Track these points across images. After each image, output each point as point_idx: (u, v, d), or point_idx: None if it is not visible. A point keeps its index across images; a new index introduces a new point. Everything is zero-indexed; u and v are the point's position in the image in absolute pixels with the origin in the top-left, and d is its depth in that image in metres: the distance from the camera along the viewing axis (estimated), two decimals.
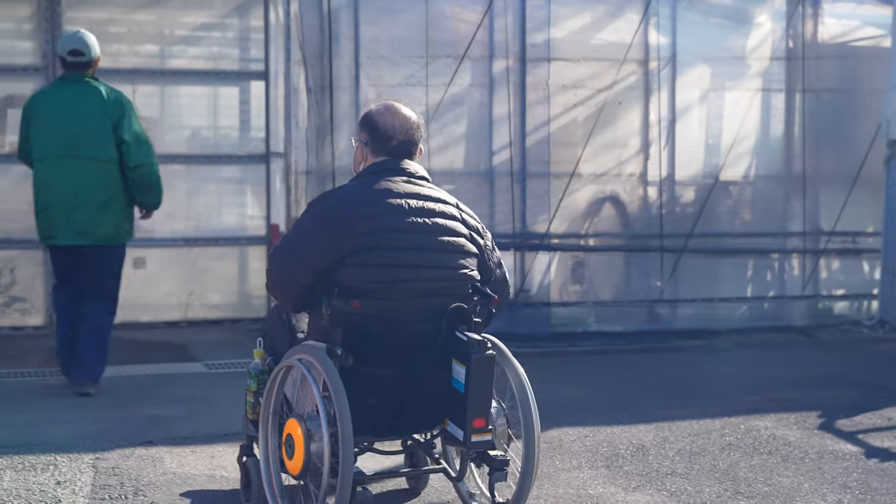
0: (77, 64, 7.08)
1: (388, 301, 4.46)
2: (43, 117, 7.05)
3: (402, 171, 4.64)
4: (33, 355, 8.44)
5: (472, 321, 4.54)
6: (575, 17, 9.63)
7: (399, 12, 9.14)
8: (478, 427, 4.42)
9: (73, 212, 7.01)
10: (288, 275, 4.56)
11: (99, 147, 6.98)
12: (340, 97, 8.89)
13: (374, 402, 4.53)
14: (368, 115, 4.79)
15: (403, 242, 4.48)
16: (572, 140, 9.51)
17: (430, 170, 8.83)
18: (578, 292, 9.72)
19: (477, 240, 4.67)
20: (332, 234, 4.44)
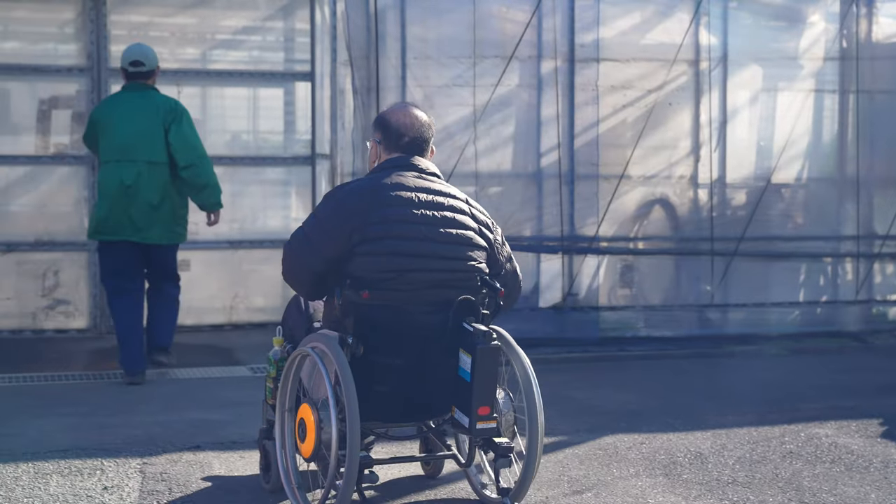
0: (137, 74, 7.61)
1: (396, 291, 4.65)
2: (105, 124, 7.54)
3: (413, 167, 4.85)
4: (77, 358, 8.39)
5: (480, 312, 4.70)
6: (624, 16, 9.47)
7: (446, 12, 9.01)
8: (482, 415, 4.63)
9: (128, 212, 7.46)
10: (301, 263, 4.77)
11: (152, 151, 7.46)
12: (387, 98, 8.76)
13: (384, 390, 4.72)
14: (381, 115, 5.05)
15: (412, 233, 4.66)
16: (621, 141, 9.33)
17: (477, 172, 8.98)
18: (627, 296, 9.55)
19: (486, 234, 4.84)
20: (343, 225, 4.64)
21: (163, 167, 7.50)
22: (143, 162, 7.46)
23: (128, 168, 7.45)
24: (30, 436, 6.09)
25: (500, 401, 4.82)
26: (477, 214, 4.87)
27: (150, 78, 7.65)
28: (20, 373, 7.79)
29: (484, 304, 4.75)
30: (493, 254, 4.87)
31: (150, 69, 7.63)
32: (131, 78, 7.63)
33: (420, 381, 4.76)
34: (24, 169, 9.16)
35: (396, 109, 5.03)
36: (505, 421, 4.83)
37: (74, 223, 9.17)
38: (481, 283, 4.77)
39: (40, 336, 9.08)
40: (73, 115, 9.16)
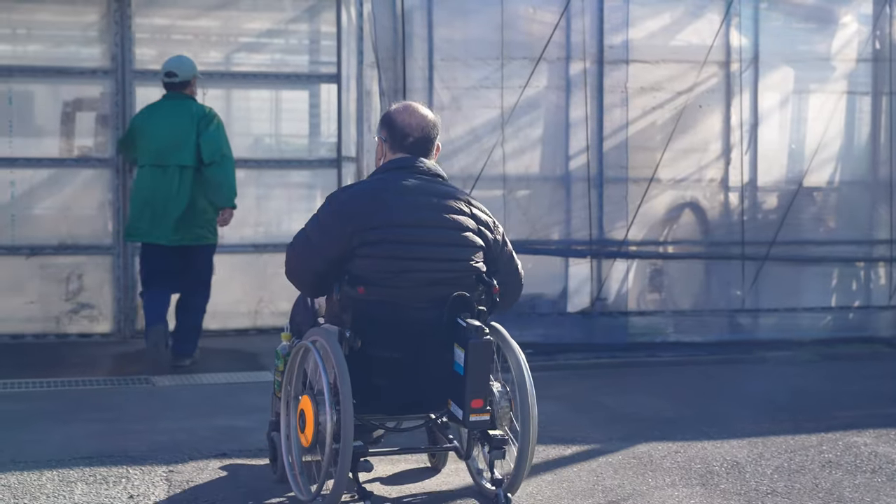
0: (171, 84, 8.06)
1: (393, 289, 4.81)
2: (142, 130, 8.05)
3: (417, 169, 4.97)
4: (101, 363, 8.32)
5: (475, 309, 4.85)
6: (654, 17, 9.34)
7: (473, 13, 8.91)
8: (476, 408, 4.77)
9: (160, 214, 7.89)
10: (303, 263, 4.94)
11: (184, 156, 7.89)
12: (414, 99, 8.50)
13: (382, 383, 4.88)
14: (387, 114, 5.15)
15: (410, 237, 4.81)
16: (651, 144, 9.19)
17: (505, 175, 8.87)
18: (657, 301, 9.42)
19: (486, 234, 4.97)
20: (344, 228, 4.80)
21: (194, 172, 7.93)
22: (176, 166, 7.89)
23: (161, 172, 7.90)
24: (54, 442, 6.00)
25: (497, 393, 4.96)
26: (478, 214, 4.99)
27: (185, 88, 8.07)
28: (44, 377, 7.71)
29: (480, 301, 4.90)
30: (492, 253, 5.01)
31: (182, 80, 8.04)
32: (167, 88, 8.09)
33: (417, 375, 4.91)
34: (48, 171, 9.08)
35: (402, 109, 5.12)
36: (501, 413, 4.95)
37: (98, 226, 9.10)
38: (477, 280, 4.92)
39: (64, 340, 8.98)
40: (97, 117, 9.09)
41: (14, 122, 8.95)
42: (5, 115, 8.93)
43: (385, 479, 5.54)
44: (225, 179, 7.98)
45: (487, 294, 4.93)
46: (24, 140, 9.00)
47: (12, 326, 8.96)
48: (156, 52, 9.36)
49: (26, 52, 9.24)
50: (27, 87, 9.12)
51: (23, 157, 8.93)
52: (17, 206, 8.99)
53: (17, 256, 8.95)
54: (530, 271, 8.94)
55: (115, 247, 9.05)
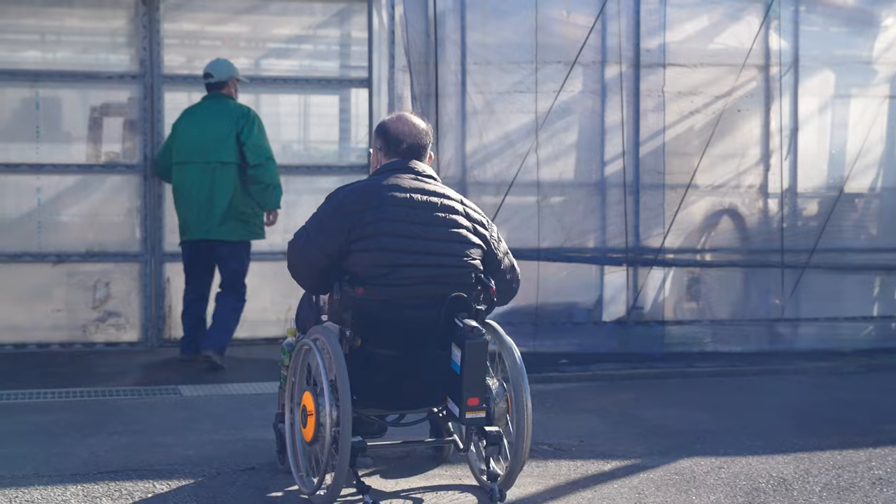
0: (209, 85, 8.28)
1: (391, 287, 4.97)
2: (183, 128, 8.22)
3: (410, 170, 5.20)
4: (128, 372, 8.18)
5: (472, 309, 5.02)
6: (691, 20, 9.19)
7: (507, 16, 8.76)
8: (471, 405, 4.94)
9: (204, 210, 8.10)
10: (303, 257, 5.13)
11: (223, 152, 8.08)
12: (446, 104, 8.53)
13: (381, 379, 5.08)
14: (381, 124, 5.40)
15: (405, 231, 4.99)
16: (688, 150, 9.04)
17: (539, 181, 8.71)
18: (694, 310, 9.24)
19: (480, 231, 5.15)
20: (342, 222, 5.00)
21: (233, 168, 8.10)
22: (216, 162, 8.08)
23: (199, 169, 8.10)
24: (79, 456, 5.85)
25: (494, 390, 5.11)
26: (471, 213, 5.18)
27: (223, 88, 8.26)
28: (70, 387, 7.58)
29: (478, 300, 5.09)
30: (488, 250, 5.18)
31: (218, 80, 8.24)
32: (207, 89, 8.31)
33: (415, 372, 5.11)
34: (75, 178, 8.96)
35: (396, 118, 5.37)
36: (498, 409, 5.10)
37: (126, 233, 8.98)
38: (475, 279, 5.10)
39: (91, 349, 8.86)
40: (125, 122, 8.97)
41: (41, 127, 8.86)
42: (32, 120, 8.84)
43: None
44: (272, 181, 8.17)
45: (485, 294, 5.12)
46: (51, 146, 8.89)
47: (39, 335, 8.86)
48: (184, 57, 9.25)
49: (54, 57, 9.17)
50: (54, 92, 9.01)
51: (49, 163, 8.83)
52: (43, 213, 8.89)
53: (44, 264, 8.84)
54: (564, 279, 8.98)
55: (143, 254, 8.92)
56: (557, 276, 8.90)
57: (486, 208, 8.43)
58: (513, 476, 5.12)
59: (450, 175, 8.45)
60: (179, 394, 7.49)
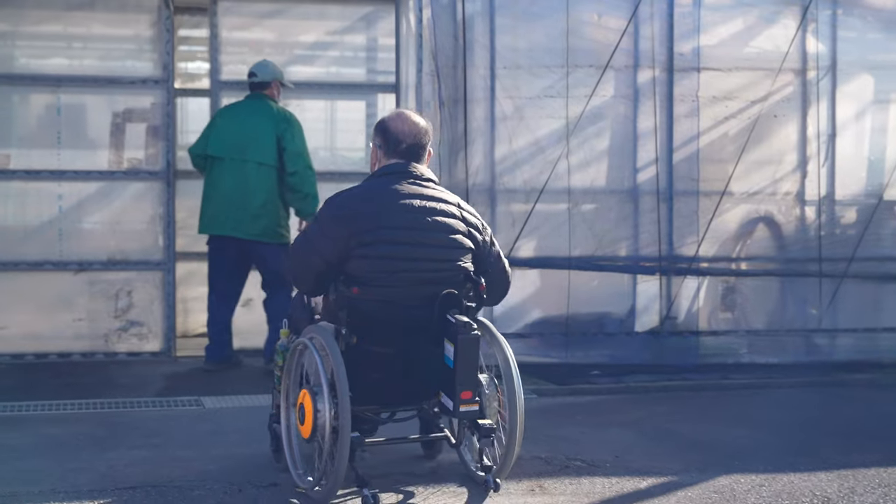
0: (252, 84, 8.32)
1: (387, 288, 5.14)
2: (222, 125, 8.24)
3: (410, 174, 5.29)
4: (150, 383, 8.01)
5: (463, 306, 5.20)
6: (726, 23, 9.00)
7: (537, 19, 8.60)
8: (465, 399, 5.11)
9: (235, 207, 8.07)
10: (303, 263, 5.25)
11: (262, 153, 8.09)
12: (475, 110, 8.37)
13: (377, 376, 5.25)
14: (381, 122, 5.47)
15: (404, 238, 5.13)
16: (723, 156, 8.87)
17: (570, 188, 8.50)
18: (729, 320, 9.05)
19: (475, 235, 5.32)
20: (341, 229, 5.12)
21: (271, 170, 8.11)
22: (254, 162, 8.08)
23: (239, 167, 8.09)
24: (97, 470, 5.67)
25: (486, 385, 5.28)
26: (467, 217, 5.33)
27: (265, 89, 8.29)
28: (90, 398, 7.41)
29: (469, 298, 5.26)
30: (480, 254, 5.35)
31: (262, 80, 8.27)
32: (250, 88, 8.33)
33: (410, 369, 5.28)
34: (97, 184, 8.79)
35: (395, 116, 5.44)
36: (490, 404, 5.26)
37: (148, 241, 8.82)
38: (465, 278, 5.26)
39: (112, 359, 8.69)
40: (147, 128, 8.81)
41: (62, 133, 8.70)
42: (53, 126, 8.69)
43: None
44: (311, 189, 8.17)
45: (475, 291, 5.28)
46: (73, 152, 8.73)
47: (60, 344, 8.69)
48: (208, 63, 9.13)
49: (75, 62, 9.02)
50: (76, 97, 8.86)
51: (71, 170, 8.67)
52: (65, 220, 8.73)
53: (65, 272, 8.68)
54: (596, 289, 8.81)
55: (165, 262, 8.77)
56: (589, 285, 8.75)
57: (516, 216, 8.37)
58: (506, 467, 5.30)
59: (478, 182, 8.30)
60: (202, 406, 7.32)
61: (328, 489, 5.04)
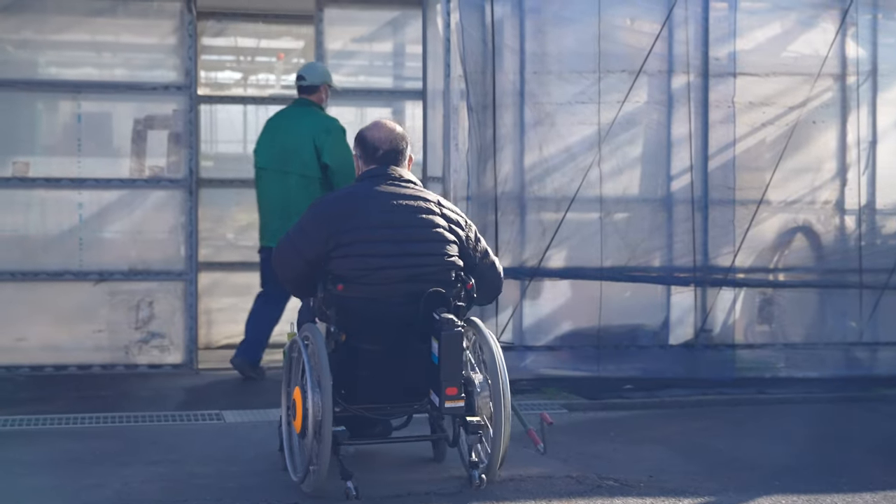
0: (301, 88, 8.18)
1: (370, 286, 5.37)
2: (267, 136, 8.20)
3: (388, 176, 5.55)
4: (170, 396, 7.85)
5: (451, 304, 5.38)
6: (763, 27, 8.74)
7: (568, 23, 8.39)
8: (450, 395, 5.24)
9: (279, 218, 7.93)
10: (286, 262, 5.54)
11: (304, 164, 7.99)
12: (504, 116, 8.16)
13: (366, 374, 5.43)
14: (359, 132, 5.74)
15: (383, 235, 5.37)
16: (760, 163, 8.62)
17: (602, 196, 8.28)
18: (766, 333, 8.79)
19: (457, 231, 5.51)
20: (321, 230, 5.39)
21: (314, 181, 7.99)
22: (297, 174, 8.00)
23: (277, 177, 8.05)
24: (111, 487, 5.50)
25: (477, 384, 5.39)
26: (448, 214, 5.54)
27: (312, 94, 8.16)
28: (108, 412, 7.25)
29: (459, 297, 5.45)
30: (464, 248, 5.52)
31: (310, 84, 8.13)
32: (299, 92, 8.22)
33: (399, 367, 5.46)
34: (118, 193, 8.62)
35: (372, 126, 5.73)
36: (481, 402, 5.36)
37: (170, 251, 8.64)
38: (455, 276, 5.45)
39: (133, 371, 8.52)
40: (169, 135, 8.64)
41: (83, 140, 8.54)
42: (73, 133, 8.53)
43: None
44: None
45: (464, 290, 5.47)
46: (93, 160, 8.58)
47: (80, 356, 8.53)
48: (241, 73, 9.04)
49: (96, 68, 8.89)
50: (96, 103, 8.73)
51: (91, 178, 8.51)
52: (85, 230, 8.57)
53: (85, 282, 8.51)
54: (628, 300, 8.60)
55: (187, 272, 8.60)
56: (621, 296, 8.51)
57: (546, 225, 8.17)
58: (494, 463, 5.41)
59: (507, 190, 8.09)
60: (223, 420, 7.14)
61: (314, 481, 5.25)
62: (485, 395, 5.36)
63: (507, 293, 8.02)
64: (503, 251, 8.08)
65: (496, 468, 5.43)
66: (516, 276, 8.12)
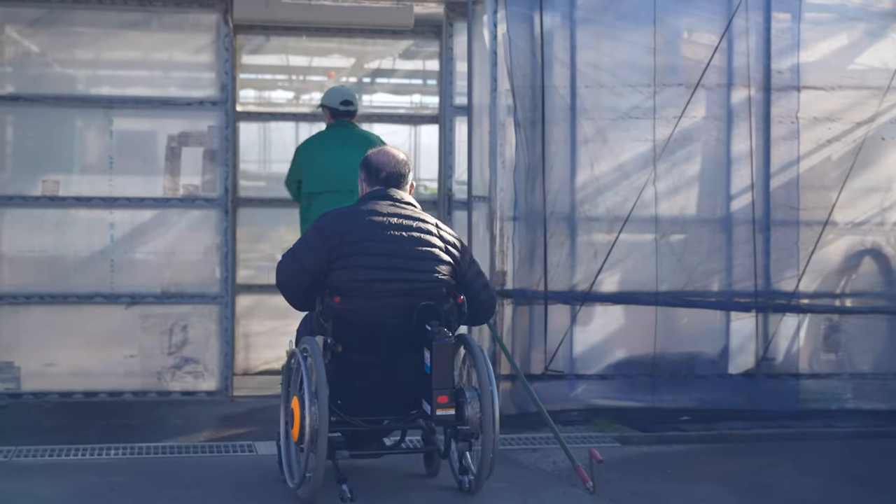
0: (346, 112, 8.12)
1: (366, 299, 5.67)
2: (318, 157, 8.00)
3: (389, 197, 5.90)
4: (202, 426, 7.56)
5: (443, 317, 5.70)
6: (828, 38, 8.32)
7: (622, 34, 7.98)
8: (441, 403, 5.55)
9: None
10: (288, 274, 5.84)
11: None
12: (553, 132, 7.77)
13: (362, 385, 5.72)
14: (364, 157, 6.07)
15: (380, 250, 5.69)
16: (825, 182, 8.22)
17: (657, 216, 7.83)
18: (832, 362, 8.35)
19: (452, 252, 5.84)
20: (323, 243, 5.72)
21: None
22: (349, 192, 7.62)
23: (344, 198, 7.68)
24: None
25: (468, 396, 5.66)
26: (445, 235, 5.87)
27: (354, 116, 8.18)
28: (136, 443, 6.94)
29: (453, 314, 5.76)
30: (459, 269, 5.84)
31: (356, 108, 8.19)
32: (340, 116, 8.10)
33: (393, 378, 5.75)
34: (151, 212, 8.31)
35: (377, 151, 6.07)
36: (473, 414, 5.62)
37: (205, 273, 8.33)
38: (447, 292, 5.79)
39: (165, 398, 8.20)
40: (204, 153, 8.32)
41: (114, 158, 8.26)
42: (105, 150, 8.26)
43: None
44: None
45: (457, 306, 5.79)
46: (125, 178, 8.29)
47: (111, 382, 8.22)
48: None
49: (128, 83, 8.61)
50: (129, 120, 8.44)
51: (123, 197, 8.21)
52: (116, 251, 8.27)
53: (117, 305, 8.21)
54: (685, 327, 8.18)
55: (223, 295, 8.28)
56: (677, 322, 8.13)
57: (598, 247, 7.81)
58: (483, 474, 5.66)
59: (557, 210, 7.71)
60: (254, 451, 6.81)
61: (311, 488, 5.46)
62: (475, 407, 5.63)
63: (557, 319, 7.77)
64: (552, 274, 7.71)
65: (484, 478, 5.67)
66: (566, 300, 7.78)
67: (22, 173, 8.27)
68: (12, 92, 8.18)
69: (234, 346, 8.58)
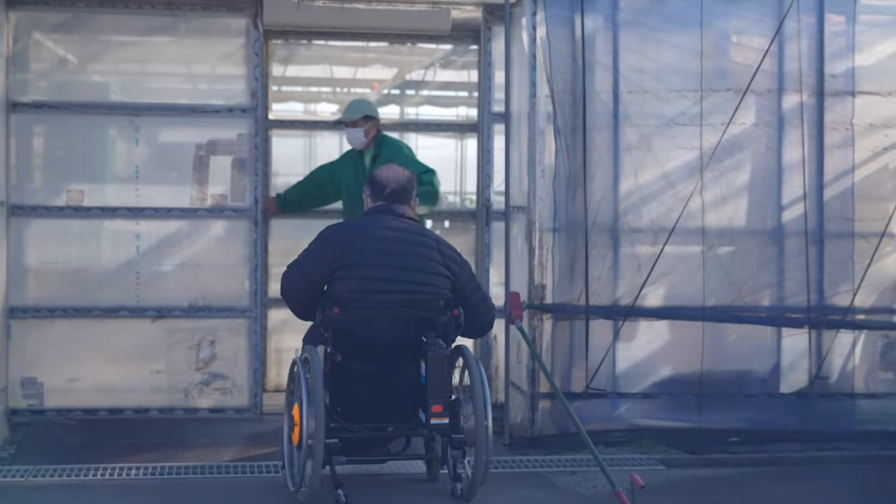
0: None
1: (365, 309, 5.92)
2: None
3: (391, 211, 6.17)
4: (229, 444, 7.29)
5: (440, 329, 5.95)
6: (885, 41, 8.08)
7: (667, 37, 7.75)
8: (435, 412, 5.81)
9: None
10: (292, 283, 6.12)
11: None
12: (595, 139, 7.54)
13: (360, 393, 5.95)
14: (371, 174, 6.42)
15: (380, 262, 5.95)
16: (882, 192, 8.03)
17: (704, 228, 7.50)
18: (890, 381, 8.13)
19: (451, 266, 6.07)
20: (326, 254, 5.99)
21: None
22: None
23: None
24: None
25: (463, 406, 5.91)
26: (444, 250, 6.10)
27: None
28: (159, 462, 6.72)
29: (450, 326, 6.02)
30: (457, 284, 6.07)
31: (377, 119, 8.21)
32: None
33: (390, 386, 5.98)
34: (178, 223, 8.04)
35: (383, 168, 6.40)
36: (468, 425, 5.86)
37: (234, 286, 8.06)
38: (445, 305, 6.03)
39: (193, 416, 7.93)
40: (233, 161, 8.05)
41: (140, 167, 8.01)
42: (131, 159, 8.01)
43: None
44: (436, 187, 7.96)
45: (454, 319, 6.02)
46: (152, 187, 8.02)
47: (136, 398, 7.96)
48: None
49: (155, 90, 8.33)
50: (155, 127, 8.15)
51: (150, 207, 7.96)
52: (142, 263, 8.01)
53: (143, 319, 7.96)
54: (734, 343, 7.91)
55: (252, 309, 8.01)
56: (726, 339, 7.88)
57: (642, 260, 7.59)
58: (475, 482, 5.85)
59: (599, 221, 7.51)
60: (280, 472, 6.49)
61: (309, 491, 5.68)
62: (470, 418, 5.85)
63: (599, 335, 7.56)
64: (594, 288, 7.48)
65: (477, 486, 5.86)
66: (608, 315, 7.57)
67: (46, 182, 8.05)
68: (36, 99, 7.93)
69: (265, 361, 8.36)
